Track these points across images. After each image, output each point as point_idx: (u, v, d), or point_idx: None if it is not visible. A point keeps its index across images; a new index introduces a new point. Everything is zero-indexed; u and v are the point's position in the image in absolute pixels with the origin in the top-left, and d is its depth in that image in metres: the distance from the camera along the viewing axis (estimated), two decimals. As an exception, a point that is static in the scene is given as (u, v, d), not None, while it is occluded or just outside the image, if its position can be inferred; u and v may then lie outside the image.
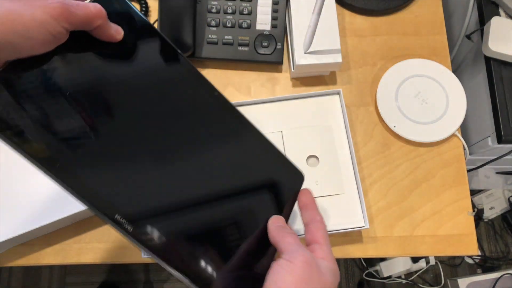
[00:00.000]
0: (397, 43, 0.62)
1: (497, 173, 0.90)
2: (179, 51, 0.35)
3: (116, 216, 0.29)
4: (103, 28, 0.31)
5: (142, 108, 0.33)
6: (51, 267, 1.25)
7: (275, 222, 0.36)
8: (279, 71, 0.61)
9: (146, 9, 0.62)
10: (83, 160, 0.30)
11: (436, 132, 0.56)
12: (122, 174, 0.31)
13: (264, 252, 0.35)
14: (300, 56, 0.55)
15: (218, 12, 0.58)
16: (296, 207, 0.39)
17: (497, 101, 0.59)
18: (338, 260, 1.26)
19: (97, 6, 0.30)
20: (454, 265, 1.26)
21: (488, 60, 0.61)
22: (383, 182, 0.56)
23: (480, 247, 1.27)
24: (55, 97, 0.30)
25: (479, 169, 0.69)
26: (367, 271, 1.22)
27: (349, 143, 0.54)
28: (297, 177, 0.40)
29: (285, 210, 0.38)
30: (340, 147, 0.54)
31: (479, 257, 1.24)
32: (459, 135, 0.57)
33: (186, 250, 0.31)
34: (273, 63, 0.59)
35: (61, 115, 0.30)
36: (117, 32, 0.33)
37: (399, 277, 1.20)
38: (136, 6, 0.63)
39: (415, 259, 1.17)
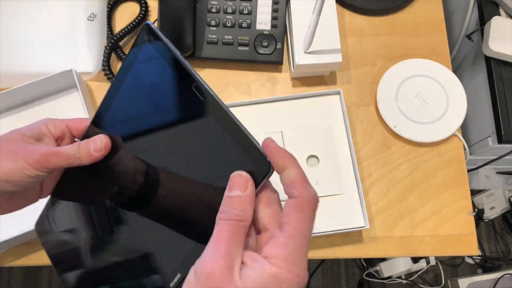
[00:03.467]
0: (397, 43, 0.62)
1: (498, 173, 0.90)
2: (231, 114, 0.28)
3: None
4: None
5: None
6: (51, 267, 1.25)
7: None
8: (279, 71, 0.60)
9: (146, 9, 0.62)
10: None
11: (436, 132, 0.56)
12: None
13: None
14: (300, 56, 0.54)
15: (218, 12, 0.58)
16: None
17: (498, 101, 0.59)
18: (339, 260, 1.26)
19: (75, 148, 0.32)
20: (455, 265, 1.26)
21: (489, 60, 0.61)
22: (383, 182, 0.55)
23: (481, 247, 1.26)
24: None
25: (480, 169, 0.69)
26: (367, 271, 1.22)
27: (349, 143, 0.54)
28: (262, 166, 0.29)
29: None
30: (340, 147, 0.54)
31: (480, 257, 1.24)
32: (459, 135, 0.57)
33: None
34: (273, 63, 0.59)
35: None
36: (94, 149, 0.33)
37: (400, 277, 1.19)
38: (136, 6, 0.63)
39: (415, 259, 1.17)
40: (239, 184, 0.27)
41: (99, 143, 0.32)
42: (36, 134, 0.33)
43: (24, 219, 0.52)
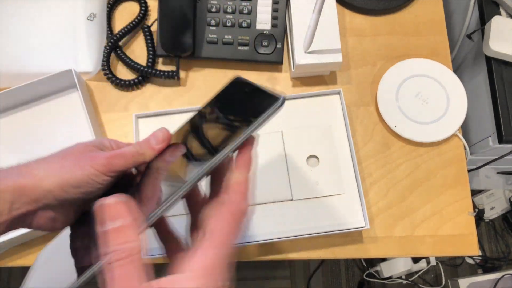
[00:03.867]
0: (397, 43, 0.62)
1: (498, 173, 0.90)
2: None
3: None
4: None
5: None
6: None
7: None
8: (279, 71, 0.60)
9: (145, 9, 0.62)
10: None
11: (436, 132, 0.56)
12: None
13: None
14: (300, 55, 0.54)
15: (218, 11, 0.58)
16: None
17: (498, 100, 0.59)
18: (339, 261, 1.26)
19: (137, 146, 0.32)
20: (455, 266, 1.26)
21: (489, 60, 0.61)
22: (384, 182, 0.55)
23: (481, 247, 1.26)
24: None
25: (480, 169, 0.69)
26: (367, 272, 1.22)
27: (349, 143, 0.54)
28: (271, 99, 0.29)
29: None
30: (340, 147, 0.54)
31: (480, 258, 1.24)
32: (460, 135, 0.57)
33: None
34: (273, 62, 0.59)
35: None
36: (157, 142, 0.33)
37: (400, 277, 1.19)
38: (136, 6, 0.63)
39: (415, 260, 1.17)
40: (111, 214, 0.25)
41: (160, 135, 0.32)
42: (98, 145, 0.33)
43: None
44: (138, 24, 0.61)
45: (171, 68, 0.60)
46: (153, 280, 0.25)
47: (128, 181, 0.35)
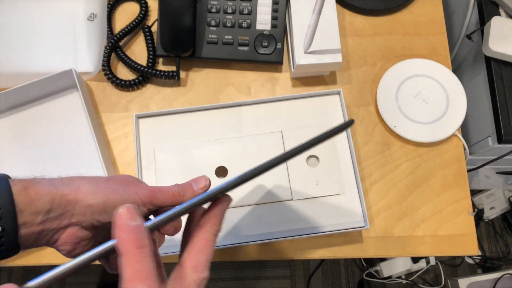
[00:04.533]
0: (397, 43, 0.62)
1: (498, 173, 0.90)
2: None
3: None
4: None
5: None
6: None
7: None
8: (279, 71, 0.60)
9: (146, 9, 0.62)
10: None
11: (436, 132, 0.56)
12: None
13: None
14: (300, 56, 0.54)
15: (218, 12, 0.58)
16: None
17: (498, 101, 0.59)
18: (339, 260, 1.26)
19: (178, 187, 0.34)
20: (455, 265, 1.26)
21: (489, 60, 0.61)
22: (383, 182, 0.55)
23: (481, 247, 1.26)
24: None
25: (480, 169, 0.69)
26: (367, 271, 1.22)
27: (349, 143, 0.54)
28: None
29: None
30: (340, 147, 0.54)
31: (480, 257, 1.24)
32: (459, 135, 0.57)
33: None
34: (273, 63, 0.59)
35: None
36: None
37: (400, 277, 1.19)
38: (136, 6, 0.63)
39: (415, 259, 1.17)
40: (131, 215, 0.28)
41: (203, 182, 0.34)
42: (141, 180, 0.36)
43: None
44: (138, 24, 0.61)
45: (171, 68, 0.60)
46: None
47: None
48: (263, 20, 0.58)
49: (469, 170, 0.61)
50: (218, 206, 0.32)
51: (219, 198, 0.32)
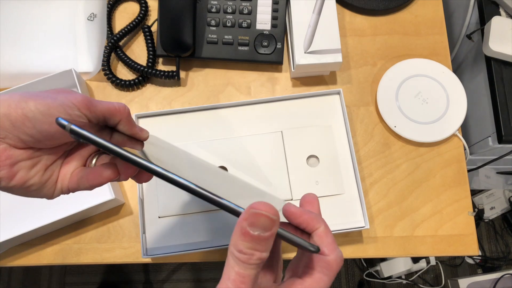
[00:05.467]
0: (397, 43, 0.62)
1: (498, 173, 0.90)
2: None
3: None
4: (126, 125, 0.33)
5: None
6: (51, 267, 1.25)
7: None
8: (279, 71, 0.60)
9: (146, 9, 0.62)
10: None
11: (436, 132, 0.56)
12: None
13: None
14: (300, 56, 0.54)
15: (218, 11, 0.58)
16: None
17: (498, 101, 0.59)
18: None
19: (120, 104, 0.32)
20: (455, 265, 1.26)
21: (489, 60, 0.61)
22: (383, 182, 0.55)
23: (481, 247, 1.26)
24: None
25: (480, 169, 0.69)
26: (367, 271, 1.22)
27: (349, 143, 0.54)
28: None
29: None
30: (340, 147, 0.54)
31: (480, 257, 1.24)
32: (460, 135, 0.57)
33: None
34: (273, 63, 0.59)
35: None
36: (141, 131, 0.35)
37: (400, 277, 1.19)
38: (136, 6, 0.63)
39: (415, 259, 1.17)
40: (265, 224, 0.24)
41: (145, 132, 0.34)
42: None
43: (24, 219, 0.53)
44: (138, 24, 0.61)
45: (171, 68, 0.60)
46: None
47: None
48: (263, 20, 0.58)
49: (469, 170, 0.61)
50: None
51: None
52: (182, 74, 0.60)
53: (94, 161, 0.34)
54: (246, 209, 0.24)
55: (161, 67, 0.61)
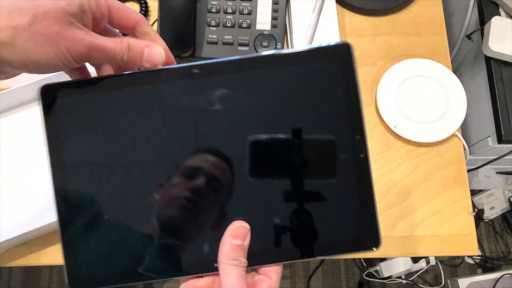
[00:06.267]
0: (397, 43, 0.62)
1: (498, 173, 0.90)
2: None
3: None
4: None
5: None
6: (51, 267, 1.25)
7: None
8: (279, 71, 0.60)
9: (146, 9, 0.62)
10: None
11: (436, 132, 0.56)
12: None
13: None
14: (300, 56, 0.54)
15: (218, 12, 0.58)
16: None
17: (497, 101, 0.59)
18: (338, 260, 1.26)
19: (124, 50, 0.30)
20: (454, 265, 1.26)
21: (489, 60, 0.61)
22: (383, 182, 0.55)
23: (480, 247, 1.26)
24: None
25: (480, 169, 0.69)
26: (367, 271, 1.22)
27: (349, 143, 0.54)
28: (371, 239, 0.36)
29: None
30: (340, 147, 0.54)
31: (480, 257, 1.24)
32: (459, 135, 0.57)
33: None
34: (273, 63, 0.59)
35: None
36: (147, 60, 0.32)
37: (399, 277, 1.19)
38: (136, 6, 0.63)
39: (415, 259, 1.17)
40: (243, 234, 0.30)
41: (158, 56, 0.31)
42: (77, 11, 0.27)
43: (24, 219, 0.53)
44: (138, 24, 0.61)
45: (171, 68, 0.60)
46: None
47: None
48: (263, 20, 0.58)
49: (469, 170, 0.61)
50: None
51: None
52: (182, 74, 0.60)
53: None
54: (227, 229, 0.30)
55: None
